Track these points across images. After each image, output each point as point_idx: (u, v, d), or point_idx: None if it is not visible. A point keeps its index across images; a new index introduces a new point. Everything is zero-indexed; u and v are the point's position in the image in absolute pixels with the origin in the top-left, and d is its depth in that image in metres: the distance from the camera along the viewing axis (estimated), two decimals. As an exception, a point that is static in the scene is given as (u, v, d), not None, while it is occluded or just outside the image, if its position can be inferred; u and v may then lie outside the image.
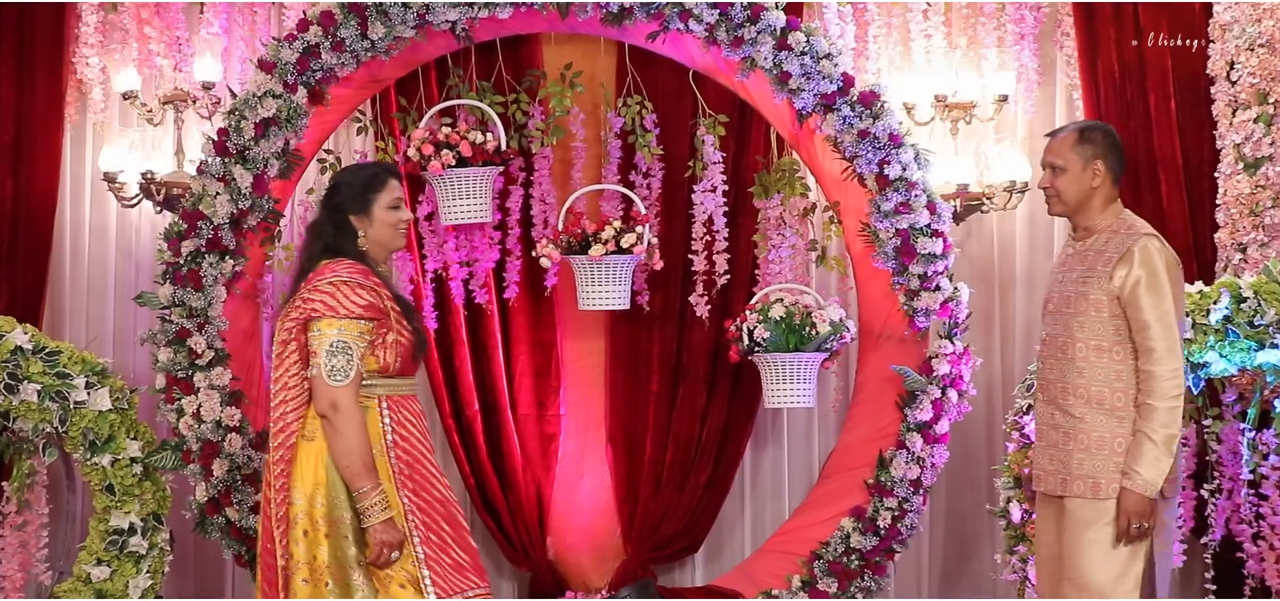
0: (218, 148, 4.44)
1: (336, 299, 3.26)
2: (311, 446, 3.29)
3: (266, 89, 4.41)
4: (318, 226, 3.45)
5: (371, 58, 4.50)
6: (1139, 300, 3.41)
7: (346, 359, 3.24)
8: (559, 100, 4.85)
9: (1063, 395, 3.53)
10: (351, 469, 3.24)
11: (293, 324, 3.31)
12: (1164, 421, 3.38)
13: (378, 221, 3.41)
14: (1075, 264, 3.56)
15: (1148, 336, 3.40)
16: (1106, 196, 3.56)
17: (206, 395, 4.45)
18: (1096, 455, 3.46)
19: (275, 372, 3.34)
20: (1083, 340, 3.50)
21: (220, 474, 4.47)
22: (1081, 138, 3.55)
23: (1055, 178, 3.57)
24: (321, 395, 3.24)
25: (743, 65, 4.48)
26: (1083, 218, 3.58)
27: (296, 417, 3.31)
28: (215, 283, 4.47)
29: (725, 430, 5.15)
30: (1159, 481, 3.38)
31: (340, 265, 3.32)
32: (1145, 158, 5.00)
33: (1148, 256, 3.43)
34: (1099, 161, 3.53)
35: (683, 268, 5.07)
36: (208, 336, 4.47)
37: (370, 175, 3.47)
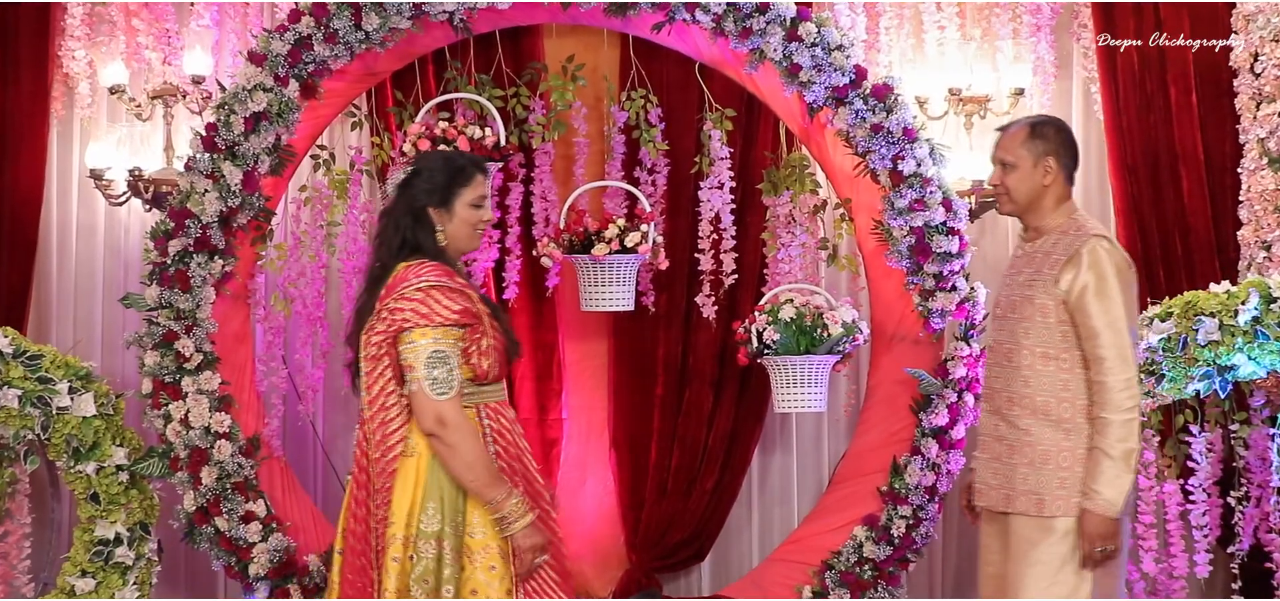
0: (206, 143, 4.33)
1: (429, 306, 3.06)
2: (409, 462, 3.10)
3: (257, 82, 4.31)
4: (394, 219, 3.21)
5: (366, 50, 4.41)
6: (1087, 306, 3.26)
7: (447, 370, 3.05)
8: (561, 94, 4.77)
9: (1007, 405, 3.39)
10: (478, 482, 3.07)
11: (381, 337, 3.11)
12: (1120, 435, 3.22)
13: (458, 219, 3.20)
14: (1023, 266, 3.43)
15: (1097, 344, 3.25)
16: (1058, 195, 3.42)
17: (195, 400, 4.34)
18: (1041, 470, 3.31)
19: (369, 392, 3.13)
20: (1028, 347, 3.35)
21: (209, 482, 4.35)
22: (1033, 133, 3.42)
23: (1005, 175, 3.44)
24: (425, 411, 3.05)
25: (751, 57, 4.41)
26: (1034, 217, 3.44)
27: (399, 438, 3.11)
28: (204, 283, 4.35)
29: (732, 435, 5.08)
30: (1120, 500, 3.23)
31: (423, 267, 3.11)
32: (1166, 152, 4.94)
33: (1096, 259, 3.28)
34: (1051, 158, 3.39)
35: (689, 267, 5.00)
36: (196, 339, 4.35)
37: (457, 168, 3.23)
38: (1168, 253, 4.96)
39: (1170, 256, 4.95)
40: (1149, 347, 4.06)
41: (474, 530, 3.09)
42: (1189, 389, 4.13)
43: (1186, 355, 4.04)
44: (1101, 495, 3.23)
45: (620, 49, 4.96)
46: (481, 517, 3.09)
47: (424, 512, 3.07)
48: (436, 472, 3.09)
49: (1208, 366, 4.05)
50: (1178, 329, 4.06)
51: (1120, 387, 3.22)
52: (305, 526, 4.65)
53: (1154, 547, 4.47)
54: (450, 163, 3.26)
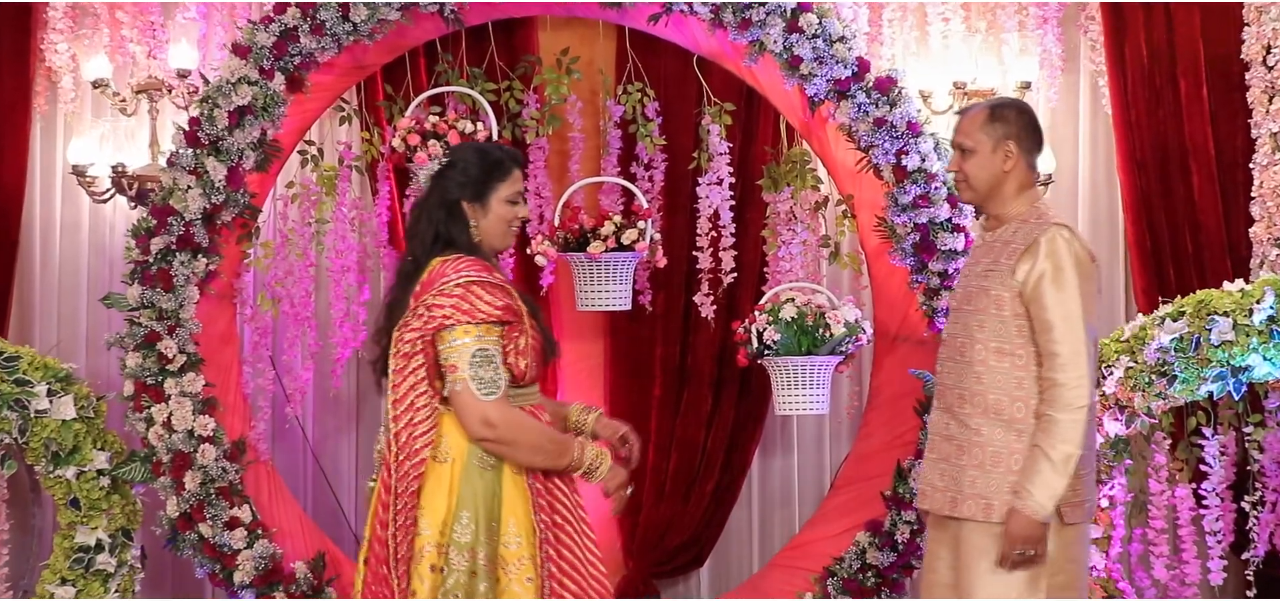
0: (189, 138, 4.26)
1: (470, 302, 2.95)
2: (443, 468, 2.98)
3: (241, 75, 4.23)
4: (427, 211, 3.09)
5: (354, 42, 4.34)
6: (1042, 297, 3.12)
7: (494, 369, 2.94)
8: (555, 87, 4.73)
9: (958, 403, 3.24)
10: (549, 459, 3.01)
11: (415, 335, 2.97)
12: (1064, 436, 3.07)
13: (493, 215, 3.08)
14: (981, 256, 3.30)
15: (1051, 338, 3.10)
16: (1020, 182, 3.28)
17: (178, 403, 4.25)
18: (991, 472, 3.16)
19: (396, 392, 2.99)
20: (982, 341, 3.21)
21: (193, 487, 4.26)
22: (992, 116, 3.28)
23: (963, 161, 3.30)
24: (470, 413, 2.94)
25: (750, 49, 4.34)
26: (994, 205, 3.30)
27: (426, 442, 2.99)
28: (187, 282, 4.27)
29: (732, 437, 5.04)
30: (1050, 505, 3.07)
31: (461, 262, 3.00)
32: (1175, 148, 4.90)
33: (1054, 249, 3.14)
34: (1011, 143, 3.25)
35: (687, 265, 4.94)
36: (179, 340, 4.27)
37: (494, 161, 3.11)
38: (1178, 250, 4.91)
39: (1180, 254, 4.91)
40: (1160, 348, 3.98)
41: (509, 541, 2.98)
42: (1202, 390, 4.04)
43: (1199, 355, 3.96)
44: (1033, 496, 3.07)
45: (616, 41, 4.90)
46: (518, 527, 2.98)
47: (458, 522, 2.95)
48: (470, 480, 2.98)
49: (1221, 367, 3.96)
50: (1190, 328, 3.98)
51: (1072, 385, 3.08)
52: (292, 532, 4.58)
53: (1165, 553, 4.41)
54: (486, 156, 3.14)
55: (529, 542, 2.97)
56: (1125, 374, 4.01)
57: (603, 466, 3.07)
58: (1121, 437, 4.12)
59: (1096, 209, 5.19)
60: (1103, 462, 4.07)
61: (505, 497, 2.99)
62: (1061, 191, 5.13)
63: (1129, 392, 4.00)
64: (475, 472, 2.97)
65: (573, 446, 3.05)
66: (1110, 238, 5.17)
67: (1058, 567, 3.16)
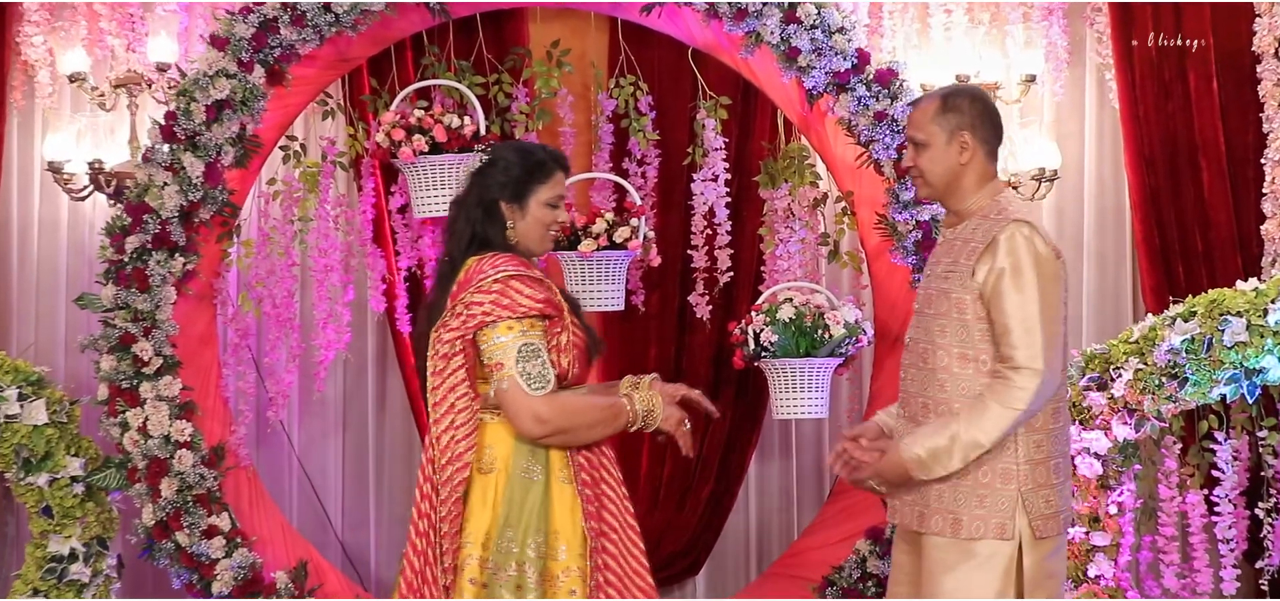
0: (165, 133, 4.17)
1: (510, 297, 2.90)
2: (487, 479, 2.93)
3: (219, 68, 4.14)
4: (465, 210, 3.06)
5: (337, 33, 4.26)
6: (1000, 299, 2.98)
7: (541, 363, 2.89)
8: (545, 81, 4.68)
9: (923, 412, 3.11)
10: (607, 428, 2.99)
11: (454, 335, 2.92)
12: (984, 426, 2.94)
13: (531, 217, 3.05)
14: (942, 256, 3.16)
15: (1008, 343, 2.96)
16: (980, 174, 3.13)
17: (154, 407, 4.15)
18: (959, 486, 3.03)
19: (435, 394, 2.94)
20: (944, 347, 3.07)
21: (169, 494, 4.17)
22: (944, 106, 3.13)
23: (917, 155, 3.16)
24: (521, 411, 2.88)
25: (747, 41, 4.27)
26: (953, 200, 3.16)
27: (469, 446, 2.93)
28: (164, 283, 4.18)
29: (728, 442, 5.00)
30: (932, 472, 2.99)
31: (499, 258, 2.96)
32: (1185, 143, 4.86)
33: (1013, 247, 2.99)
34: (966, 133, 3.11)
35: (682, 264, 4.89)
36: (155, 342, 4.17)
37: (535, 162, 3.07)
38: (1187, 248, 4.86)
39: (1190, 252, 4.86)
40: (1171, 349, 3.90)
41: (557, 553, 2.93)
42: (1214, 393, 3.94)
43: (1211, 357, 3.87)
44: (918, 449, 2.98)
45: (609, 33, 4.85)
46: (567, 539, 2.93)
47: (502, 536, 2.91)
48: (515, 491, 2.93)
49: (1234, 369, 3.87)
50: (1202, 329, 3.89)
51: (1019, 387, 2.94)
52: (273, 540, 4.49)
53: (1176, 561, 4.32)
54: (528, 156, 3.10)
55: (578, 555, 2.92)
56: (1135, 376, 3.92)
57: (656, 409, 3.03)
58: (1130, 442, 4.02)
59: (1103, 206, 5.14)
60: (1110, 468, 4.00)
61: (553, 509, 2.94)
62: (1067, 187, 5.10)
63: (1138, 395, 3.91)
64: (520, 484, 2.93)
65: (624, 406, 3.01)
66: (1117, 235, 5.13)
67: (1034, 583, 3.04)
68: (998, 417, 2.95)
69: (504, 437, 2.94)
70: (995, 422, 2.95)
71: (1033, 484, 3.03)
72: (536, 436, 2.90)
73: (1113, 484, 4.03)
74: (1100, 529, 4.01)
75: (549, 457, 2.96)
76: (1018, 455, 3.03)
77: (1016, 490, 3.02)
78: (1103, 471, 3.95)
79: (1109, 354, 3.96)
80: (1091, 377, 3.98)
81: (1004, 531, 3.02)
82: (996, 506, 3.02)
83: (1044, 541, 3.04)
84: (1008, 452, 3.02)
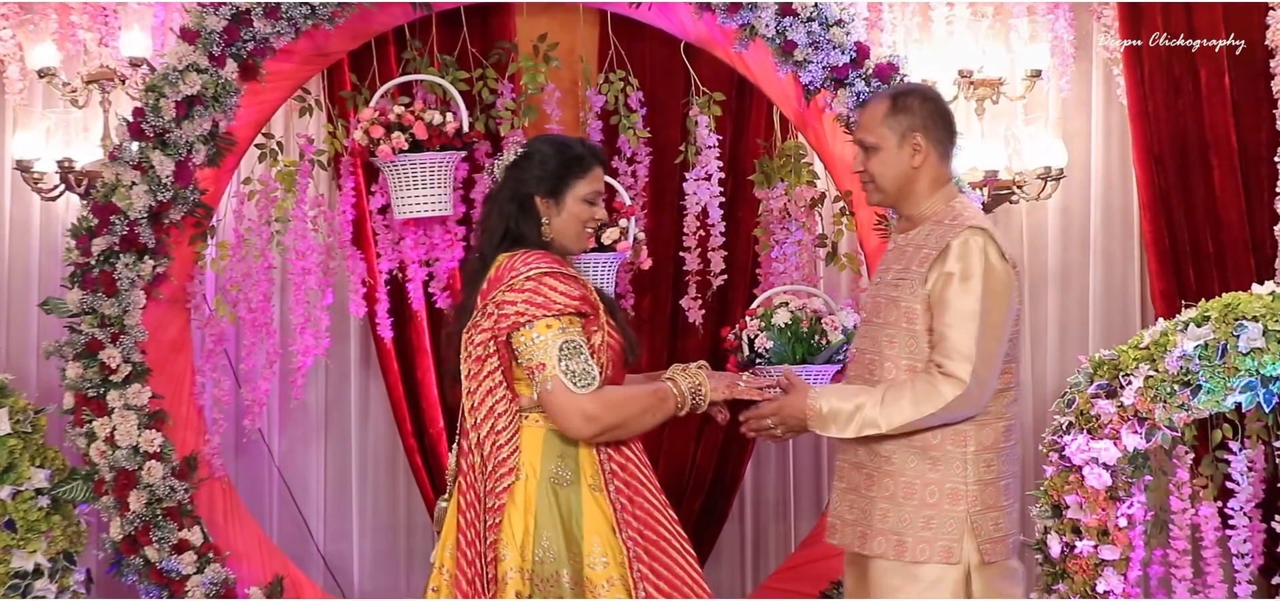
0: (133, 130, 4.04)
1: (543, 294, 2.81)
2: (516, 486, 2.84)
3: (189, 62, 4.00)
4: (498, 204, 2.97)
5: (314, 27, 4.13)
6: (943, 304, 2.90)
7: (584, 359, 2.80)
8: (532, 76, 4.59)
9: None
10: (659, 415, 2.92)
11: (486, 336, 2.84)
12: (890, 416, 2.89)
13: (567, 213, 2.96)
14: (893, 262, 3.07)
15: (941, 348, 2.88)
16: (933, 177, 3.04)
17: (122, 416, 4.01)
18: (904, 505, 2.95)
19: (473, 398, 2.87)
20: (893, 358, 2.98)
21: (137, 507, 4.02)
22: (894, 107, 3.04)
23: (868, 159, 3.07)
24: (569, 411, 2.79)
25: (741, 34, 4.17)
26: (906, 205, 3.08)
27: (513, 450, 2.85)
28: (132, 286, 4.04)
29: (722, 450, 4.92)
30: (825, 426, 2.97)
31: (531, 255, 2.87)
32: (1195, 140, 4.78)
33: (965, 253, 2.90)
34: (918, 134, 3.02)
35: (674, 267, 4.83)
36: (123, 348, 4.03)
37: (573, 156, 2.99)
38: (1198, 249, 4.78)
39: (1200, 253, 4.78)
40: (1183, 355, 3.78)
41: (594, 561, 2.84)
42: (1228, 401, 3.81)
43: (1226, 364, 3.75)
44: (822, 408, 2.94)
45: (598, 27, 4.78)
46: (603, 546, 2.83)
47: (538, 544, 2.83)
48: (547, 497, 2.84)
49: (1250, 376, 3.74)
50: (1216, 334, 3.77)
51: (939, 393, 2.86)
52: (249, 554, 4.38)
53: (1188, 576, 4.20)
54: (566, 149, 3.02)
55: (617, 564, 2.82)
56: (1145, 383, 3.78)
57: (703, 386, 2.96)
58: (1141, 452, 3.87)
59: (1110, 206, 5.07)
60: (1120, 479, 3.87)
61: (586, 515, 2.85)
62: (1073, 186, 5.03)
63: (1149, 404, 3.78)
64: (550, 489, 2.85)
65: (670, 390, 2.93)
66: (1125, 236, 5.06)
67: None
68: (906, 412, 2.89)
69: (531, 441, 2.86)
70: (902, 415, 2.90)
71: (982, 505, 2.95)
72: (588, 436, 2.82)
73: (1122, 495, 3.89)
74: (1109, 542, 3.87)
75: (579, 462, 2.86)
76: (966, 475, 2.95)
77: (965, 511, 2.94)
78: (1112, 482, 3.82)
79: (1118, 360, 3.84)
80: (1100, 385, 3.84)
81: (950, 555, 2.94)
82: (943, 528, 2.93)
83: (992, 565, 2.96)
84: (956, 471, 2.94)
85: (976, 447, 2.96)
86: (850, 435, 2.94)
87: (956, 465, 2.95)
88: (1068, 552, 3.91)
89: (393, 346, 4.75)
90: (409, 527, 5.04)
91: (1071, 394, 3.89)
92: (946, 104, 3.11)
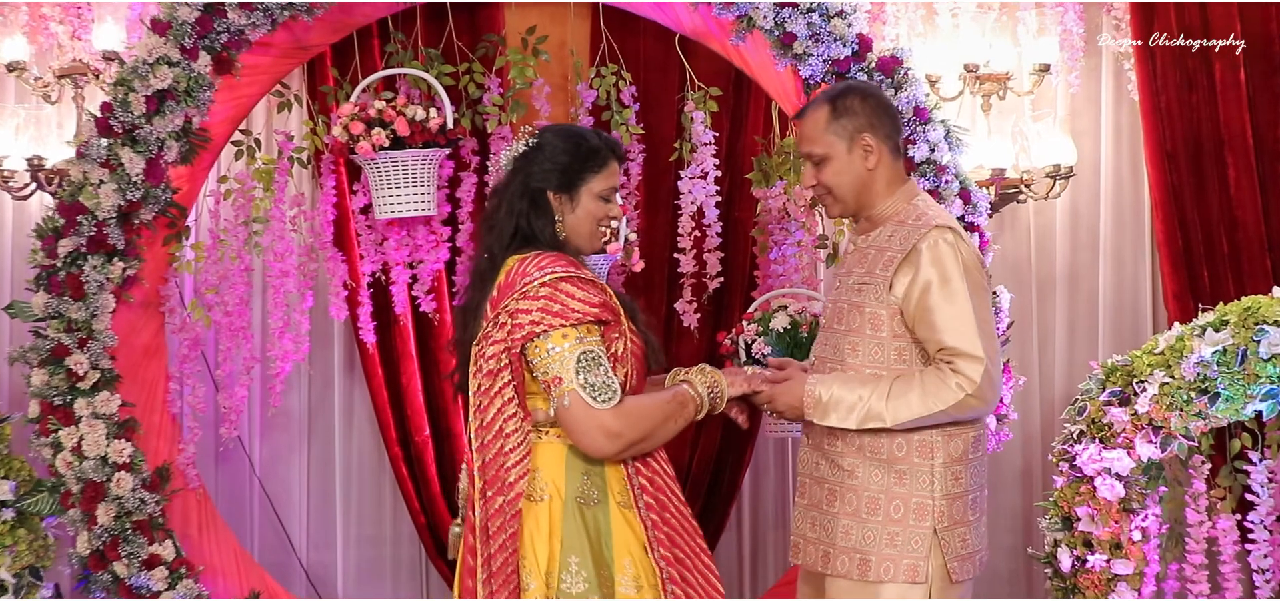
0: (101, 126, 3.89)
1: (560, 301, 2.66)
2: (540, 508, 2.69)
3: (159, 55, 3.85)
4: (507, 200, 2.81)
5: (292, 18, 3.99)
6: (929, 312, 2.77)
7: (604, 371, 2.65)
8: (520, 70, 4.45)
9: (828, 439, 2.89)
10: (681, 421, 2.78)
11: (500, 348, 2.68)
12: (897, 411, 2.76)
13: (582, 210, 2.81)
14: (854, 265, 2.95)
15: (947, 350, 2.75)
16: (889, 176, 2.94)
17: (89, 426, 3.86)
18: (867, 522, 2.83)
19: (483, 416, 2.70)
20: (856, 367, 2.86)
21: (106, 521, 3.86)
22: (835, 110, 2.92)
23: (820, 172, 2.94)
24: (588, 428, 2.64)
25: (738, 26, 4.05)
26: (866, 209, 2.98)
27: (521, 473, 2.69)
28: (101, 289, 3.89)
29: (719, 459, 4.81)
30: (824, 415, 2.82)
31: (544, 258, 2.71)
32: (1210, 137, 4.74)
33: (938, 255, 2.78)
34: (867, 135, 2.90)
35: (668, 269, 4.71)
36: (92, 354, 3.87)
37: (588, 148, 2.83)
38: (1212, 250, 4.72)
39: (1214, 254, 4.72)
40: (1201, 362, 3.68)
41: (627, 585, 2.72)
42: (1248, 410, 3.72)
43: (1246, 370, 3.65)
44: (822, 395, 2.81)
45: (589, 20, 4.67)
46: (635, 567, 2.70)
47: (566, 570, 2.68)
48: (574, 519, 2.70)
49: (1271, 384, 3.66)
50: (1235, 340, 3.67)
51: (952, 388, 2.73)
52: (225, 569, 4.24)
53: (1205, 591, 4.09)
54: (580, 142, 2.86)
55: (651, 586, 2.71)
56: (1160, 391, 3.68)
57: (720, 384, 2.84)
58: (1156, 462, 3.78)
59: (1121, 205, 4.99)
60: (1134, 491, 3.76)
61: (615, 535, 2.72)
62: (1082, 185, 4.93)
63: (1164, 412, 3.68)
64: (577, 510, 2.70)
65: (688, 394, 2.81)
66: (1136, 236, 4.98)
67: None
68: (914, 407, 2.76)
69: (553, 460, 2.71)
70: (909, 410, 2.76)
71: (949, 520, 2.82)
72: (609, 453, 2.67)
73: (1136, 507, 3.80)
74: (1123, 556, 3.77)
75: (606, 479, 2.72)
76: (934, 489, 2.83)
77: (931, 527, 2.82)
78: (1125, 494, 3.72)
79: (1132, 366, 3.74)
80: (1113, 392, 3.74)
81: (916, 574, 2.81)
82: (909, 546, 2.81)
83: (959, 584, 2.85)
84: (923, 484, 2.82)
85: (945, 460, 2.84)
86: (851, 426, 2.81)
87: (923, 478, 2.83)
88: (1079, 567, 3.85)
89: (377, 351, 4.62)
90: (395, 538, 4.92)
91: (1083, 401, 3.81)
92: (887, 96, 3.00)
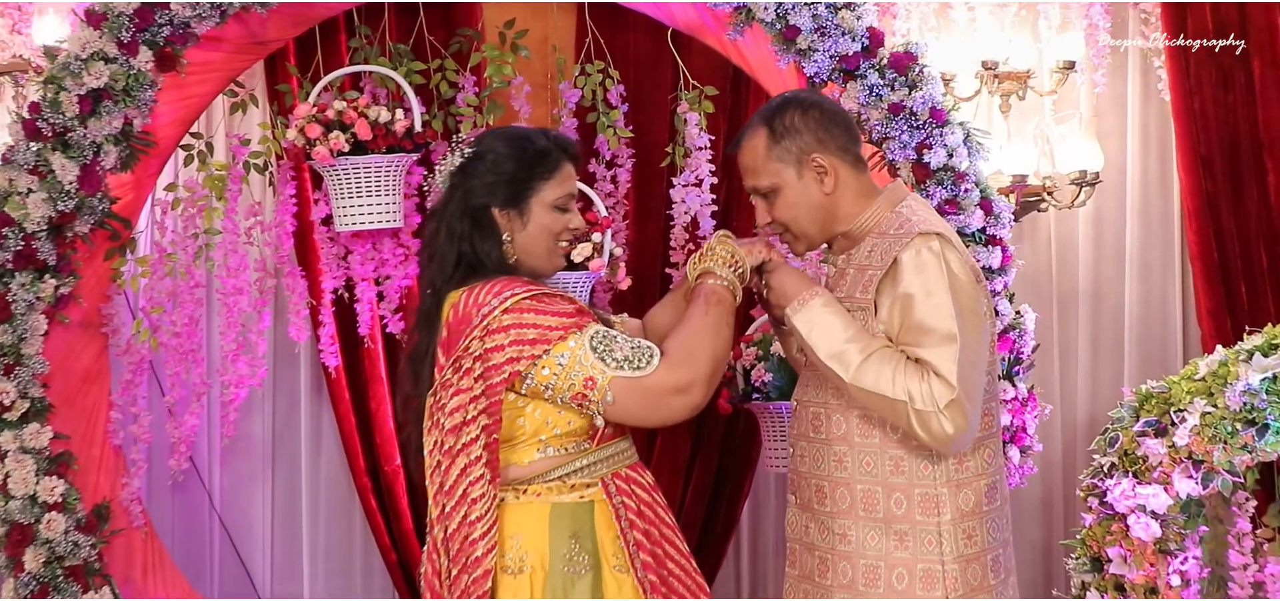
0: (28, 129, 3.57)
1: (531, 324, 2.39)
2: (519, 581, 2.43)
3: (94, 50, 3.52)
4: (447, 223, 2.51)
5: (243, 10, 3.67)
6: (911, 330, 2.42)
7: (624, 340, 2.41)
8: (497, 68, 4.19)
9: (817, 497, 2.60)
10: (730, 324, 2.51)
11: (465, 397, 2.39)
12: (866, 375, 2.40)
13: (535, 225, 2.53)
14: (835, 288, 2.63)
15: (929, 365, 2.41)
16: (855, 192, 2.61)
17: (16, 461, 3.54)
18: (867, 595, 2.53)
19: (444, 476, 2.40)
20: (841, 410, 2.55)
21: (35, 567, 3.54)
22: (774, 133, 2.58)
23: (771, 207, 2.61)
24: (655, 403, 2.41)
25: (736, 19, 3.79)
26: (838, 230, 2.65)
27: (488, 547, 2.39)
28: (30, 309, 3.57)
29: (715, 490, 4.56)
30: (805, 320, 2.50)
31: (497, 283, 2.42)
32: (1247, 139, 4.54)
33: (921, 265, 2.44)
34: (816, 155, 2.56)
35: (659, 284, 4.45)
36: (19, 381, 3.56)
37: (535, 152, 2.54)
38: (1250, 264, 4.50)
39: (1253, 268, 4.51)
40: (1247, 390, 3.45)
41: None
42: None
43: None
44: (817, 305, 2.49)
45: (575, 14, 4.45)
46: None
47: None
48: (560, 590, 2.43)
49: None
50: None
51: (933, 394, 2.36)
52: None
53: None
54: (526, 145, 2.56)
55: None
56: (1202, 421, 3.45)
57: (739, 256, 2.57)
58: (1196, 499, 3.54)
59: (1149, 214, 4.78)
60: (1171, 530, 3.53)
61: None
62: (1108, 192, 4.72)
63: (1206, 444, 3.45)
64: (563, 579, 2.45)
65: (715, 287, 2.53)
66: (1166, 248, 4.78)
67: None
68: (883, 384, 2.39)
69: (535, 523, 2.44)
70: (873, 380, 2.40)
71: (964, 587, 2.49)
72: (696, 406, 2.43)
73: (1174, 548, 3.56)
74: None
75: (597, 541, 2.46)
76: (943, 551, 2.48)
77: (943, 598, 2.49)
78: (1161, 533, 3.50)
79: (1169, 393, 3.50)
80: (1148, 421, 3.51)
81: None
82: None
83: None
84: (929, 547, 2.48)
85: (954, 515, 2.50)
86: (821, 353, 2.46)
87: (929, 539, 2.49)
88: (1110, 612, 3.62)
89: (342, 375, 4.33)
90: (366, 570, 4.64)
91: (1114, 431, 3.56)
92: (832, 102, 2.65)
